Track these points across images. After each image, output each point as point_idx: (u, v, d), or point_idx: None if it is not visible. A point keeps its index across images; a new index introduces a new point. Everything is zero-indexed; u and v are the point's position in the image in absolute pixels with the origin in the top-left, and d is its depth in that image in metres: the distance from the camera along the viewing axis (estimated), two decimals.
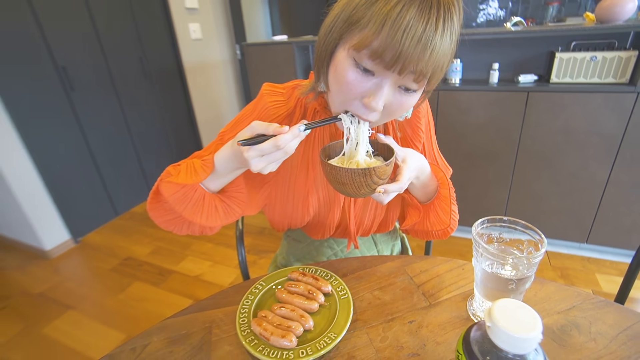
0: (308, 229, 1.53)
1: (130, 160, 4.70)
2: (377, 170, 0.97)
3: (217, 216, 1.21)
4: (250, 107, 1.24)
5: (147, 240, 4.12)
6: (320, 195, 1.36)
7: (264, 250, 3.77)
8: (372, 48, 0.85)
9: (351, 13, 0.88)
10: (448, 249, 3.59)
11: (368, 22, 0.85)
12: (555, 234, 3.35)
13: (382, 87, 0.92)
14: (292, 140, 0.95)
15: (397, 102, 0.97)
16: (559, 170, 3.08)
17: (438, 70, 0.89)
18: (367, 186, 1.00)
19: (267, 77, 3.98)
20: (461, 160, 3.37)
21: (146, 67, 4.68)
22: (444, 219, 1.28)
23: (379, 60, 0.86)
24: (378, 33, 0.83)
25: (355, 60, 0.91)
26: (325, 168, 1.02)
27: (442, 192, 1.27)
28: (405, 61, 0.84)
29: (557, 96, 2.84)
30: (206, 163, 1.09)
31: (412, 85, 0.93)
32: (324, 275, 1.25)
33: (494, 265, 0.96)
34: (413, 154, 1.14)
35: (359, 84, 0.93)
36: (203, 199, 1.15)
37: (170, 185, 1.11)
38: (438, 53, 0.85)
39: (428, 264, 1.30)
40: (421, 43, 0.82)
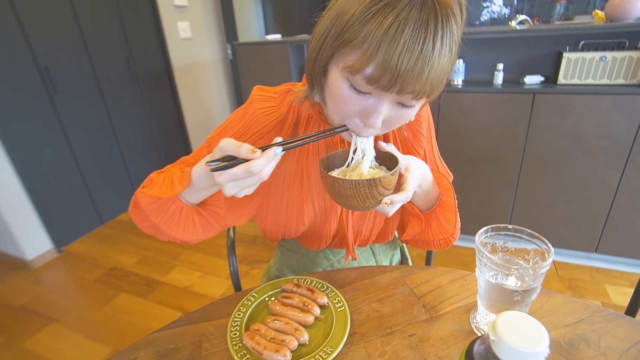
0: (303, 239, 1.53)
1: (116, 165, 4.69)
2: (382, 181, 0.97)
3: (195, 231, 1.21)
4: (240, 113, 1.24)
5: (134, 249, 4.10)
6: (316, 204, 1.35)
7: (256, 260, 3.76)
8: (367, 73, 0.85)
9: (342, 31, 0.87)
10: (450, 259, 3.59)
11: (362, 44, 0.84)
12: (563, 243, 3.35)
13: (380, 105, 0.92)
14: (267, 165, 0.93)
15: (396, 116, 0.97)
16: (567, 176, 3.09)
17: (437, 85, 0.89)
18: (372, 198, 0.99)
19: (259, 78, 3.98)
20: (464, 165, 3.38)
21: (133, 67, 4.67)
22: (446, 228, 1.28)
23: (375, 85, 0.86)
24: (373, 57, 0.83)
25: (350, 81, 0.91)
26: (326, 181, 1.01)
27: (445, 200, 1.27)
28: (403, 83, 0.84)
29: (565, 98, 2.85)
30: (184, 176, 1.08)
31: (411, 102, 0.94)
32: (320, 286, 1.24)
33: (498, 276, 0.96)
34: (416, 162, 1.15)
35: (355, 102, 0.94)
36: (180, 212, 1.15)
37: (146, 196, 1.11)
38: (436, 71, 0.85)
39: (429, 274, 1.30)
40: (418, 65, 0.82)
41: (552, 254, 0.94)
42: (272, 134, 1.21)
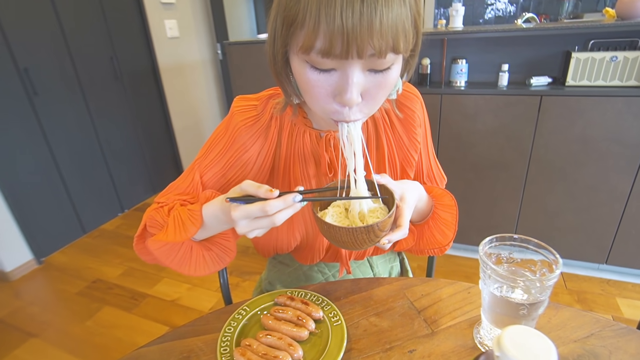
0: (296, 253, 1.53)
1: (99, 171, 4.68)
2: (380, 225, 0.97)
3: (205, 265, 1.22)
4: (222, 129, 1.25)
5: (118, 260, 4.09)
6: (307, 217, 1.35)
7: (248, 271, 3.77)
8: (317, 47, 0.83)
9: (285, 14, 0.87)
10: (452, 270, 3.59)
11: (304, 21, 0.82)
12: (572, 253, 3.36)
13: (349, 76, 0.88)
14: (283, 209, 0.93)
15: (374, 84, 0.94)
16: (576, 183, 3.09)
17: (399, 34, 0.84)
18: (369, 241, 0.99)
19: (251, 79, 3.97)
20: (467, 171, 3.38)
21: (117, 68, 4.67)
22: (439, 240, 1.30)
23: (330, 56, 0.84)
24: (317, 28, 0.81)
25: (309, 62, 0.89)
26: (322, 226, 1.01)
27: (440, 213, 1.29)
28: (358, 43, 0.81)
29: (574, 101, 2.86)
30: (194, 216, 1.09)
31: (381, 65, 0.89)
32: (315, 299, 1.24)
33: (503, 288, 0.96)
34: (410, 188, 1.15)
35: (324, 83, 0.92)
36: (190, 251, 1.17)
37: (157, 241, 1.12)
38: (390, 18, 0.81)
39: (430, 287, 1.30)
40: (365, 17, 0.78)
41: (560, 265, 0.94)
42: (257, 145, 1.22)
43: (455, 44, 3.43)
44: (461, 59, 3.30)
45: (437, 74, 3.55)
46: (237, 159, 1.23)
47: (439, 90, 3.22)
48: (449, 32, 3.21)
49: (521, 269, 1.02)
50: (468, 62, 3.39)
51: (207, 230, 1.12)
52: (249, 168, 1.25)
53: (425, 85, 3.47)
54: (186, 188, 1.26)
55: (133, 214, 5.07)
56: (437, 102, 3.23)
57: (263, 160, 1.25)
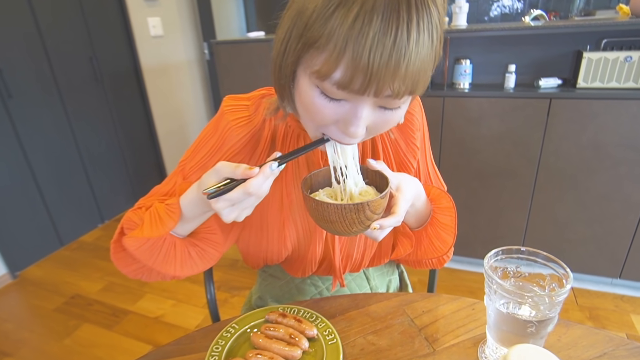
0: (287, 265, 1.53)
1: (77, 179, 4.67)
2: (371, 205, 0.96)
3: (192, 263, 1.22)
4: (210, 129, 1.25)
5: (98, 274, 4.07)
6: (299, 226, 1.35)
7: (236, 286, 3.76)
8: (336, 78, 0.82)
9: (304, 31, 0.85)
10: (455, 285, 3.59)
11: (326, 45, 0.81)
12: (583, 267, 3.36)
13: (358, 112, 0.90)
14: (265, 182, 0.94)
15: (380, 120, 0.95)
16: (587, 192, 3.10)
17: (420, 80, 0.86)
18: (359, 223, 0.99)
19: (240, 80, 3.99)
20: (471, 179, 3.39)
21: (97, 69, 4.67)
22: (438, 247, 1.30)
23: (347, 90, 0.83)
24: (340, 58, 0.80)
25: (320, 88, 0.89)
26: (309, 204, 1.01)
27: (439, 218, 1.29)
28: (379, 84, 0.81)
29: (585, 104, 2.87)
30: (172, 209, 1.09)
31: (393, 104, 0.91)
32: (309, 316, 1.24)
33: (510, 304, 0.97)
34: (408, 181, 1.15)
35: (330, 111, 0.91)
36: (174, 248, 1.16)
37: (134, 239, 1.11)
38: (415, 64, 0.81)
39: (431, 302, 1.30)
40: (393, 59, 0.78)
41: (571, 280, 0.94)
42: (248, 147, 1.22)
43: (459, 43, 3.44)
44: (465, 60, 3.31)
45: (439, 75, 3.54)
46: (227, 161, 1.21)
47: (441, 92, 3.23)
48: (451, 30, 3.22)
49: (529, 284, 1.02)
50: (472, 63, 3.40)
51: (188, 221, 1.13)
52: None
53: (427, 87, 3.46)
54: (168, 191, 1.26)
55: (114, 225, 5.03)
56: (439, 106, 3.24)
57: (255, 164, 1.23)
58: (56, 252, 4.52)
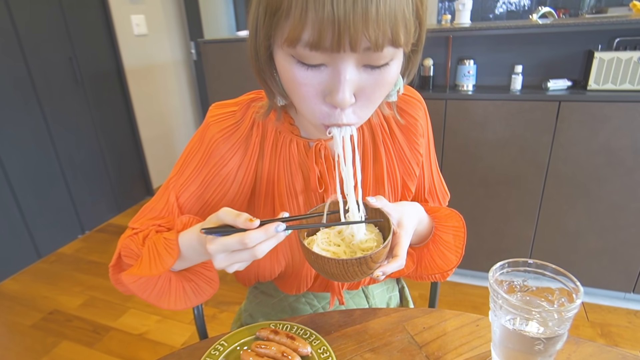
0: (280, 281, 1.52)
1: (56, 188, 4.65)
2: (373, 256, 0.97)
3: (186, 298, 1.22)
4: (196, 143, 1.25)
5: (78, 288, 4.05)
6: (293, 240, 1.34)
7: (225, 301, 3.75)
8: (305, 39, 0.81)
9: (267, 3, 0.85)
10: (458, 300, 3.59)
11: (289, 7, 0.80)
12: (594, 281, 3.37)
13: (340, 73, 0.87)
14: (266, 241, 0.93)
15: (370, 82, 0.92)
16: (599, 200, 3.10)
17: (398, 23, 0.82)
18: (362, 274, 0.99)
19: (229, 82, 3.99)
20: (475, 187, 3.39)
21: (77, 70, 4.66)
22: (440, 265, 1.31)
23: (320, 49, 0.82)
24: (304, 16, 0.78)
25: (295, 57, 0.88)
26: (308, 256, 1.01)
27: (441, 235, 1.29)
28: (351, 34, 0.78)
29: (597, 107, 2.87)
30: (170, 245, 1.09)
31: (378, 60, 0.87)
32: (302, 333, 1.24)
33: (516, 320, 0.97)
34: (409, 213, 1.15)
35: (312, 80, 0.90)
36: (169, 283, 1.17)
37: (134, 274, 1.11)
38: (387, 5, 0.78)
39: (433, 319, 1.30)
40: (358, 4, 0.76)
41: (581, 294, 0.94)
42: (237, 157, 1.22)
43: (462, 42, 3.45)
44: (468, 60, 3.33)
45: (441, 76, 3.56)
46: (215, 175, 1.23)
47: (443, 95, 3.24)
48: (454, 28, 3.23)
49: (537, 299, 1.02)
50: (476, 63, 3.41)
51: (185, 261, 1.13)
52: (229, 184, 1.24)
53: (428, 89, 3.50)
54: (161, 211, 1.26)
55: (95, 236, 5.03)
56: (441, 109, 3.24)
57: (244, 175, 1.24)
58: (33, 265, 4.50)
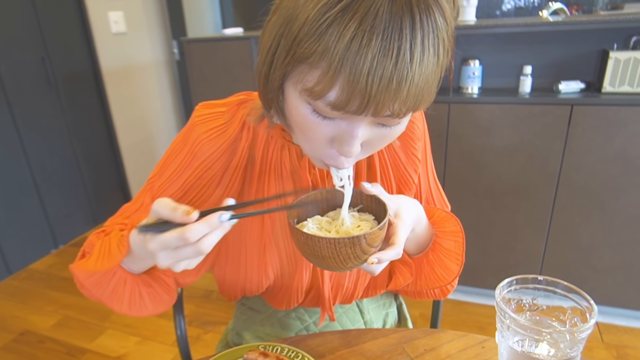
0: (269, 296, 1.52)
1: (27, 198, 4.63)
2: (368, 238, 0.96)
3: (142, 304, 1.22)
4: (179, 142, 1.24)
5: (52, 308, 4.03)
6: (282, 250, 1.34)
7: (210, 321, 3.74)
8: (330, 99, 0.82)
9: (293, 44, 0.84)
10: (462, 319, 3.59)
11: (319, 62, 0.80)
12: (609, 299, 3.38)
13: (354, 130, 0.90)
14: (210, 233, 0.91)
15: (378, 137, 0.97)
16: (615, 212, 3.11)
17: (423, 99, 0.86)
18: (355, 258, 0.98)
19: (215, 84, 3.99)
20: (481, 197, 3.39)
21: (50, 71, 4.64)
22: (441, 276, 1.30)
23: (342, 111, 0.83)
24: (335, 80, 0.79)
25: (312, 105, 0.89)
26: (298, 237, 1.00)
27: (442, 243, 1.29)
28: (377, 106, 0.81)
29: (612, 111, 2.88)
30: (122, 242, 1.06)
31: (393, 121, 0.92)
32: (294, 355, 1.24)
33: (525, 342, 0.97)
34: (407, 204, 1.16)
35: (324, 129, 0.92)
36: (124, 284, 1.16)
37: (82, 268, 1.11)
38: (419, 85, 0.81)
39: (435, 340, 1.30)
40: (394, 82, 0.78)
41: (595, 314, 0.94)
42: (222, 160, 1.21)
43: (467, 41, 3.45)
44: (473, 60, 3.33)
45: (443, 78, 3.51)
46: (198, 178, 1.21)
47: (446, 98, 3.25)
48: (458, 26, 3.19)
49: (547, 318, 1.02)
50: (482, 64, 3.42)
51: (138, 259, 1.11)
52: (212, 188, 1.24)
53: None
54: (134, 213, 1.26)
55: (70, 251, 5.02)
56: (443, 113, 3.25)
57: (230, 179, 1.23)
58: (3, 282, 4.48)
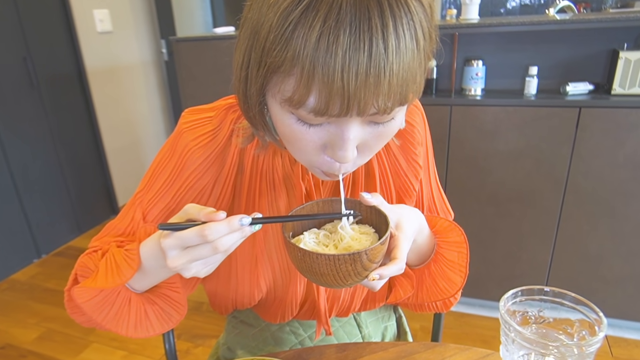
0: (261, 309, 1.52)
1: (8, 205, 4.61)
2: (369, 253, 0.93)
3: (149, 324, 1.21)
4: (167, 152, 1.24)
5: (34, 320, 4.01)
6: (275, 261, 1.34)
7: (201, 334, 3.74)
8: (310, 105, 0.82)
9: (263, 54, 0.84)
10: (465, 333, 3.59)
11: (291, 70, 0.80)
12: (619, 311, 3.37)
13: (345, 133, 0.89)
14: (229, 234, 0.90)
15: (373, 136, 0.95)
16: (625, 220, 3.11)
17: (408, 89, 0.84)
18: (356, 275, 0.96)
19: (205, 85, 3.97)
20: (484, 205, 3.39)
21: (32, 72, 4.63)
22: (444, 289, 1.29)
23: (325, 115, 0.83)
24: (310, 84, 0.79)
25: (295, 115, 0.88)
26: (294, 253, 0.97)
27: (444, 253, 1.29)
28: (360, 104, 0.80)
29: (622, 114, 2.88)
30: (130, 255, 1.07)
31: (384, 119, 0.91)
32: None
33: (531, 356, 0.96)
34: (408, 215, 1.15)
35: (313, 136, 0.92)
36: (129, 304, 1.15)
37: (85, 290, 1.10)
38: (399, 74, 0.80)
39: (436, 354, 1.30)
40: (371, 76, 0.77)
41: (605, 327, 0.94)
42: (213, 168, 1.21)
43: (469, 40, 3.46)
44: (476, 61, 3.33)
45: (445, 79, 3.57)
46: (188, 189, 1.21)
47: (447, 100, 3.25)
48: (460, 25, 3.24)
49: (554, 331, 1.02)
50: (485, 64, 3.41)
51: (147, 274, 1.10)
52: (204, 199, 1.24)
53: (431, 93, 3.50)
54: (125, 229, 1.25)
55: (53, 261, 5.00)
56: (445, 116, 3.25)
57: (221, 190, 1.24)
58: None
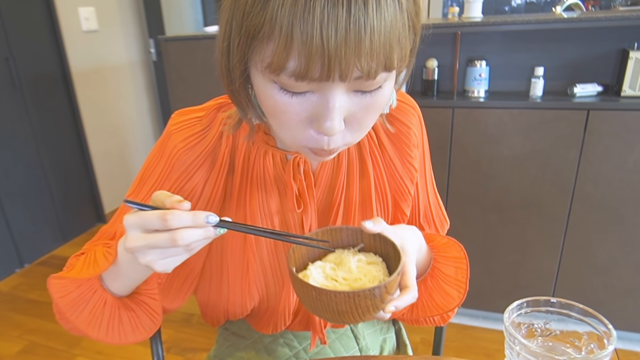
0: (253, 319, 1.52)
1: None
2: (388, 286, 0.92)
3: (122, 331, 1.20)
4: (155, 155, 1.25)
5: (16, 332, 4.00)
6: (268, 267, 1.33)
7: (191, 347, 3.74)
8: (289, 69, 0.82)
9: (245, 21, 0.84)
10: (468, 346, 3.59)
11: (271, 33, 0.80)
12: (629, 323, 3.38)
13: (329, 101, 0.88)
14: (192, 228, 0.89)
15: (361, 107, 0.94)
16: (636, 228, 3.11)
17: (393, 51, 0.84)
18: (374, 309, 0.94)
19: (195, 87, 3.99)
20: (488, 212, 3.39)
21: (14, 72, 4.62)
22: (440, 304, 1.29)
23: (306, 79, 0.82)
24: (290, 45, 0.79)
25: (278, 83, 0.88)
26: (307, 292, 0.94)
27: (441, 268, 1.29)
28: (342, 65, 0.80)
29: (632, 117, 2.88)
30: (110, 250, 1.08)
31: (370, 86, 0.90)
32: None
33: None
34: (410, 237, 1.15)
35: (297, 107, 0.91)
36: (103, 306, 1.15)
37: (61, 283, 1.10)
38: (382, 33, 0.80)
39: None
40: (351, 34, 0.77)
41: (614, 340, 0.94)
42: (203, 170, 1.22)
43: (472, 40, 3.47)
44: (480, 61, 3.34)
45: (447, 80, 3.57)
46: (178, 191, 1.21)
47: (449, 102, 3.26)
48: (463, 23, 3.25)
49: (561, 344, 1.02)
50: (489, 65, 3.42)
51: (121, 269, 1.09)
52: (194, 201, 1.24)
53: (432, 95, 3.51)
54: (115, 232, 1.25)
55: (36, 270, 4.99)
56: (447, 119, 3.25)
57: (211, 191, 1.24)
58: None
